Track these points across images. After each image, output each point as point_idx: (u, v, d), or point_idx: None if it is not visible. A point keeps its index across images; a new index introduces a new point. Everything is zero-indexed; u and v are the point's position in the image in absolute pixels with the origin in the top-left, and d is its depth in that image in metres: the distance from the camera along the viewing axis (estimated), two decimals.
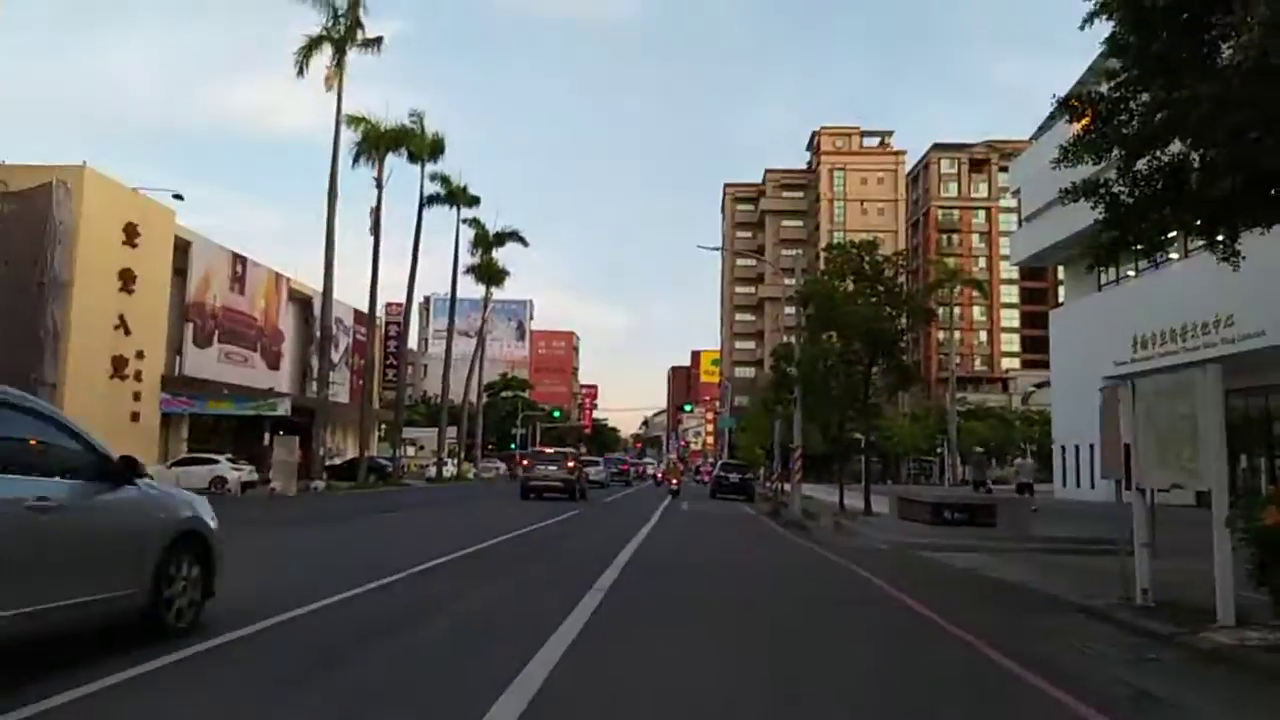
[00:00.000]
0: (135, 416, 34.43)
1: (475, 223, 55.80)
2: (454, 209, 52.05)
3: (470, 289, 60.15)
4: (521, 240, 57.86)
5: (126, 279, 34.34)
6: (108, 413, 32.15)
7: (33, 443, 5.55)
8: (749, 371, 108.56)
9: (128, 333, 34.29)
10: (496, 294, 61.21)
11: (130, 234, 34.58)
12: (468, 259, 56.60)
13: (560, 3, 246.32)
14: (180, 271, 38.51)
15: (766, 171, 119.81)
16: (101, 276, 33.05)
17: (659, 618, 8.39)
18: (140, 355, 34.78)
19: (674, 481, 42.09)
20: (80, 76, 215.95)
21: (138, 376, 34.69)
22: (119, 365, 33.82)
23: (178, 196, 37.56)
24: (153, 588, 6.04)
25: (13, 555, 4.97)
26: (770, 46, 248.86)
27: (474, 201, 52.99)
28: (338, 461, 46.57)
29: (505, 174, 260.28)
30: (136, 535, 6.04)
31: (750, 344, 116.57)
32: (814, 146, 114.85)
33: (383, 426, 56.62)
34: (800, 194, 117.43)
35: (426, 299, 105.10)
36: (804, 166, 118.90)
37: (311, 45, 37.63)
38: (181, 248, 38.43)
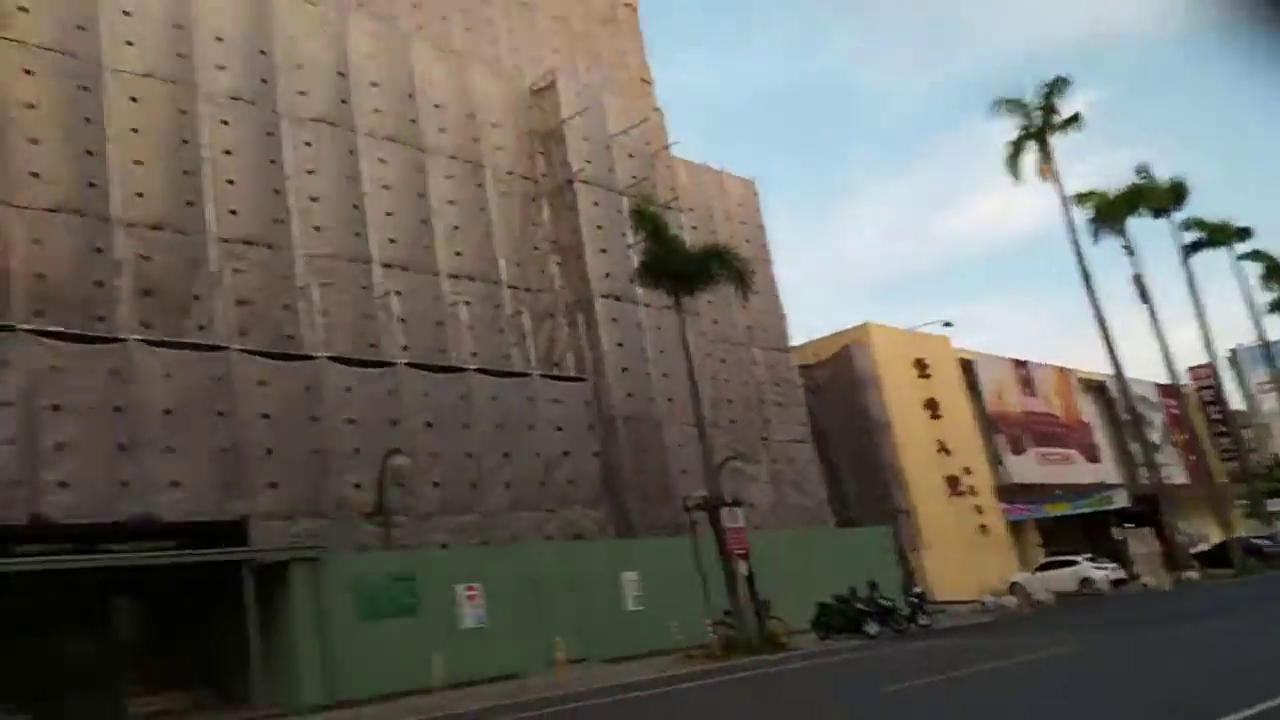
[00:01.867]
0: (984, 529, 35.61)
1: (1258, 254, 48.01)
2: (1223, 249, 45.66)
3: None
4: None
5: (932, 407, 36.94)
6: (957, 527, 33.88)
7: None
8: None
9: (948, 453, 36.34)
10: None
11: (920, 368, 37.53)
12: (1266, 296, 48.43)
13: None
14: (971, 388, 40.07)
15: None
16: (911, 410, 36.06)
17: None
18: (967, 471, 36.38)
19: None
20: (829, 253, 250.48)
21: (972, 491, 36.21)
22: (953, 484, 35.75)
23: (947, 324, 39.96)
24: None
25: None
26: None
27: (1244, 234, 45.96)
28: (1204, 548, 41.44)
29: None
30: None
31: None
32: None
33: (1245, 502, 49.38)
34: None
35: (1232, 352, 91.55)
36: None
37: (1017, 147, 37.80)
38: (965, 367, 40.20)
